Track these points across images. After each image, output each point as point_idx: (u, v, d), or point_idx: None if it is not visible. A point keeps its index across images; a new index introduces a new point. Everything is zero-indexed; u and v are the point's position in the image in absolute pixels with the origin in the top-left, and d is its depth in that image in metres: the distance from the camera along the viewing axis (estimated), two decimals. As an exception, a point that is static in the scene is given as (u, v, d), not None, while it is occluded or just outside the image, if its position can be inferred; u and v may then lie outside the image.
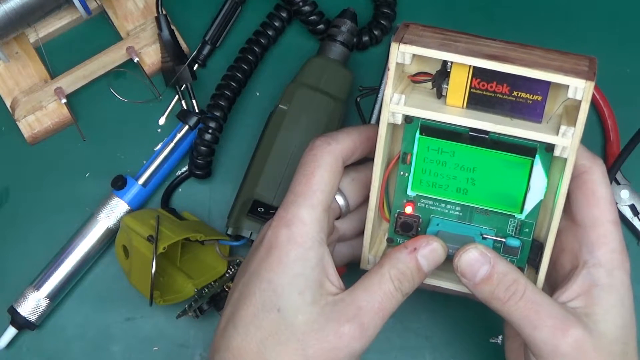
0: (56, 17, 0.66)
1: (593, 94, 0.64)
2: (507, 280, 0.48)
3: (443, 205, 0.51)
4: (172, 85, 0.65)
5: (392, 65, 0.47)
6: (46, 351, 0.64)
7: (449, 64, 0.47)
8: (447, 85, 0.48)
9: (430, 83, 0.49)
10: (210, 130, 0.63)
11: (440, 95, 0.48)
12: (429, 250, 0.49)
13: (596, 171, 0.50)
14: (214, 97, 0.64)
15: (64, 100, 0.64)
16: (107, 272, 0.64)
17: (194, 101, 0.65)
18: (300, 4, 0.64)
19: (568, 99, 0.46)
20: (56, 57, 0.66)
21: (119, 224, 0.62)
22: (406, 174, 0.50)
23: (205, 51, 0.66)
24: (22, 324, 0.62)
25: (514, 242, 0.50)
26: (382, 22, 0.66)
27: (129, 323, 0.64)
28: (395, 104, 0.48)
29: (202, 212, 0.65)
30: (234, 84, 0.64)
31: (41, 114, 0.65)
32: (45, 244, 0.64)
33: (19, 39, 0.66)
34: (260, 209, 0.59)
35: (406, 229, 0.51)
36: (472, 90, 0.47)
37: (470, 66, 0.47)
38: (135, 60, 0.65)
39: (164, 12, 0.65)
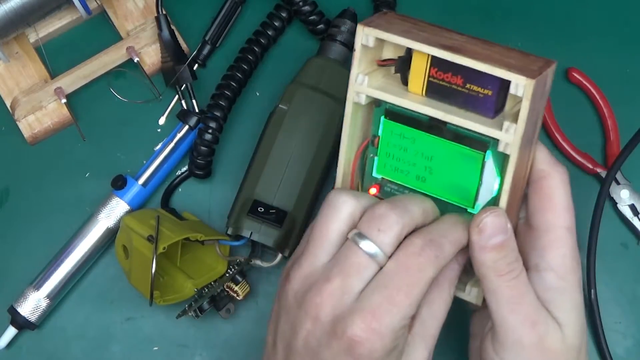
0: (56, 17, 0.66)
1: (593, 94, 0.65)
2: (512, 257, 0.48)
3: (406, 192, 0.52)
4: (172, 85, 0.65)
5: (357, 46, 0.49)
6: (46, 351, 0.64)
7: (412, 52, 0.49)
8: (409, 73, 0.50)
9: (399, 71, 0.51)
10: (210, 130, 0.63)
11: (405, 82, 0.50)
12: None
13: (555, 177, 0.50)
14: (214, 97, 0.64)
15: (64, 100, 0.64)
16: (107, 272, 0.64)
17: (194, 101, 0.65)
18: (300, 4, 0.64)
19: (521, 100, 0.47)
20: (56, 57, 0.66)
21: (119, 224, 0.62)
22: (375, 157, 0.52)
23: (205, 51, 0.66)
24: (22, 324, 0.62)
25: None
26: (382, 22, 0.66)
27: (129, 323, 0.64)
28: (360, 84, 0.50)
29: (202, 212, 0.65)
30: (234, 84, 0.64)
31: (41, 114, 0.65)
32: (45, 244, 0.64)
33: (19, 39, 0.66)
34: (260, 209, 0.59)
35: None
36: (430, 79, 0.49)
37: (428, 55, 0.48)
38: (135, 60, 0.65)
39: (164, 12, 0.65)
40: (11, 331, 0.63)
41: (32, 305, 0.62)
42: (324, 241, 0.48)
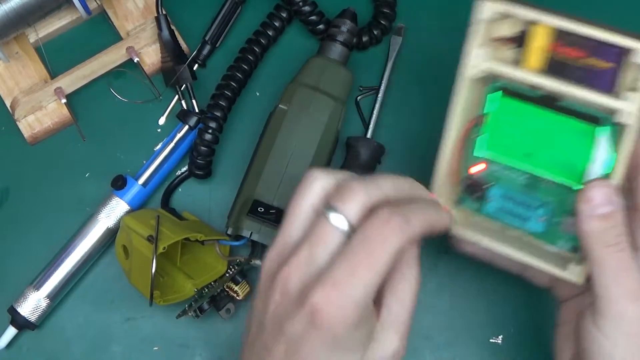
0: (56, 17, 0.66)
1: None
2: (619, 229, 0.48)
3: (510, 172, 0.52)
4: (172, 85, 0.65)
5: (478, 19, 0.49)
6: (46, 351, 0.64)
7: (531, 27, 0.49)
8: (527, 49, 0.50)
9: (511, 50, 0.51)
10: (210, 130, 0.63)
11: (519, 59, 0.50)
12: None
13: None
14: (214, 97, 0.64)
15: (64, 100, 0.64)
16: (107, 272, 0.64)
17: (194, 101, 0.65)
18: (300, 4, 0.64)
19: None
20: (56, 57, 0.66)
21: (119, 224, 0.62)
22: (480, 136, 0.52)
23: (205, 51, 0.66)
24: (22, 324, 0.62)
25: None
26: (382, 22, 0.66)
27: (129, 323, 0.64)
28: (477, 57, 0.50)
29: (202, 212, 0.65)
30: (234, 84, 0.64)
31: (41, 114, 0.65)
32: (45, 244, 0.64)
33: (19, 39, 0.66)
34: (260, 209, 0.59)
35: (473, 191, 0.53)
36: (550, 54, 0.49)
37: (550, 30, 0.48)
38: (135, 60, 0.65)
39: (164, 12, 0.65)
40: (11, 331, 0.63)
41: (32, 305, 0.62)
42: (295, 217, 0.47)
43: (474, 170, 0.53)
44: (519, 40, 0.50)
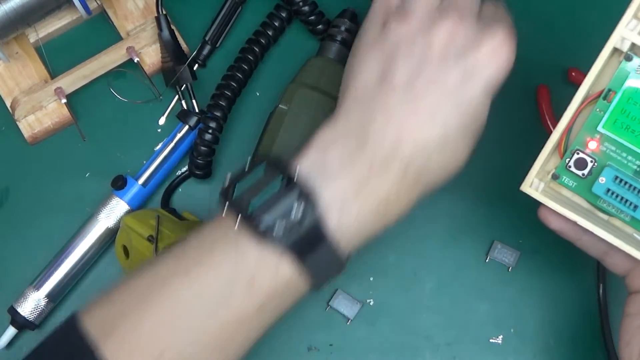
0: (56, 17, 0.66)
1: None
2: None
3: (624, 155, 0.51)
4: (172, 85, 0.65)
5: None
6: (46, 351, 0.64)
7: None
8: None
9: None
10: (210, 130, 0.63)
11: None
12: None
13: None
14: (214, 97, 0.64)
15: (64, 100, 0.64)
16: (107, 272, 0.64)
17: (194, 101, 0.65)
18: (300, 4, 0.64)
19: None
20: (56, 57, 0.66)
21: (119, 224, 0.62)
22: (602, 112, 0.51)
23: (205, 51, 0.66)
24: (22, 324, 0.62)
25: None
26: (382, 22, 0.66)
27: (129, 323, 0.64)
28: (631, 29, 0.49)
29: (202, 212, 0.65)
30: (234, 84, 0.64)
31: (41, 114, 0.65)
32: (45, 244, 0.64)
33: (19, 39, 0.66)
34: (260, 209, 0.59)
35: (580, 167, 0.51)
36: None
37: None
38: (135, 60, 0.65)
39: (164, 12, 0.65)
40: (11, 331, 0.63)
41: (32, 305, 0.62)
42: None
43: (592, 145, 0.51)
44: None
